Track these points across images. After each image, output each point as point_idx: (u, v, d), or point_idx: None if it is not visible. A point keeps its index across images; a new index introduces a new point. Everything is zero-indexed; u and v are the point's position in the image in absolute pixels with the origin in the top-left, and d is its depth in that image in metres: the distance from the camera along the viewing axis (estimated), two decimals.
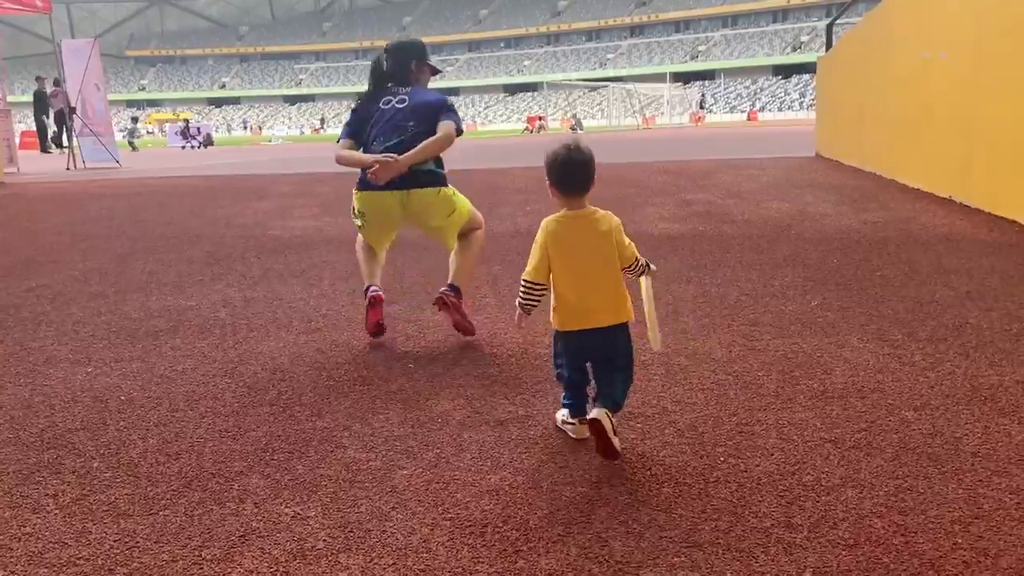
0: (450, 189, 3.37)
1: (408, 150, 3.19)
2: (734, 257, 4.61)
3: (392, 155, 3.18)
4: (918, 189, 7.12)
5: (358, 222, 3.38)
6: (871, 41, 8.77)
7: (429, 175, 3.29)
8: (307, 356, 3.00)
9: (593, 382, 2.21)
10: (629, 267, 2.26)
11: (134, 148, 31.74)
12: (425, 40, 3.83)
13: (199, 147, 34.49)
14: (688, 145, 18.62)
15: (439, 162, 3.38)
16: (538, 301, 2.21)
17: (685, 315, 3.40)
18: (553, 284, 2.18)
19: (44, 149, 22.78)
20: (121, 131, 35.15)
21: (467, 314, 3.25)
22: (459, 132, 3.35)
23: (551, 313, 2.20)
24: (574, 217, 2.17)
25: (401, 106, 3.35)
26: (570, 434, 2.24)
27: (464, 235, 3.42)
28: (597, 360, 2.20)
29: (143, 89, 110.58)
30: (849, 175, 8.76)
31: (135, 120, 36.31)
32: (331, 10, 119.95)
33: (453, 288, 3.26)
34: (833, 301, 3.56)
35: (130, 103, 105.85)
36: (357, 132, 3.41)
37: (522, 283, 2.19)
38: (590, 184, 2.19)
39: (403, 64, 3.50)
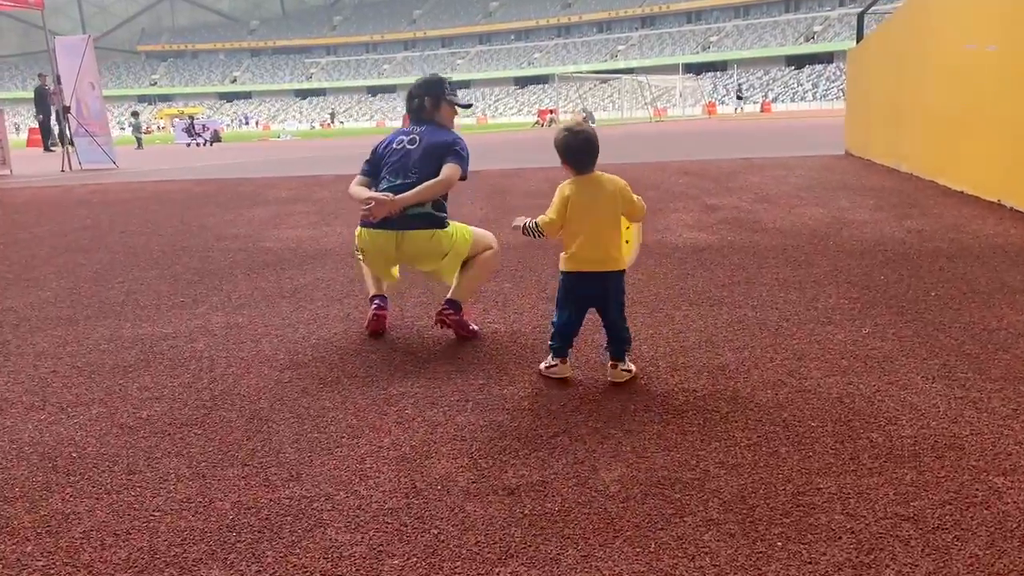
0: (447, 230, 3.44)
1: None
2: (769, 273, 4.29)
3: (388, 194, 3.32)
4: (962, 192, 6.78)
5: (359, 256, 3.57)
6: (908, 32, 8.41)
7: (424, 218, 3.38)
8: (289, 399, 2.71)
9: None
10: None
11: (140, 145, 31.69)
12: (434, 33, 3.87)
13: (205, 144, 34.45)
14: (705, 141, 18.27)
15: (438, 204, 3.45)
16: (537, 237, 2.85)
17: (721, 346, 3.09)
18: (563, 234, 2.74)
19: (47, 148, 22.66)
20: (129, 125, 35.06)
21: (468, 323, 3.42)
22: (463, 177, 3.45)
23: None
24: (585, 181, 2.75)
25: (411, 147, 3.47)
26: (554, 375, 2.81)
27: (470, 258, 3.49)
28: (595, 301, 2.80)
29: (154, 84, 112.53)
30: (884, 176, 8.41)
31: (136, 115, 36.06)
32: (341, 4, 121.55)
33: (451, 303, 3.38)
34: (886, 328, 3.24)
35: (141, 98, 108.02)
36: (372, 170, 3.56)
37: (536, 224, 2.81)
38: (596, 158, 2.75)
39: (418, 104, 3.59)
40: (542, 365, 2.87)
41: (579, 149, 2.75)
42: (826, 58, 79.59)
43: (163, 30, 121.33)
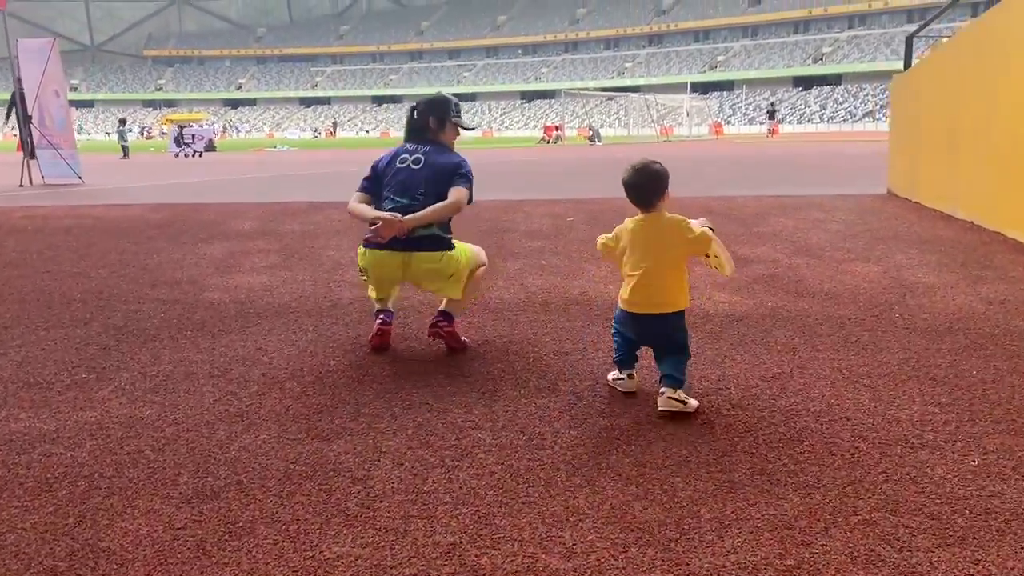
0: (454, 252, 3.65)
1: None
2: (827, 359, 3.63)
3: (396, 215, 3.48)
4: None
5: (362, 277, 3.77)
6: (971, 58, 7.83)
7: (433, 240, 3.58)
8: (175, 563, 2.03)
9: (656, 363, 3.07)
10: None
11: (126, 154, 31.63)
12: (441, 45, 3.78)
13: (194, 155, 34.28)
14: (721, 169, 17.65)
15: (444, 226, 3.64)
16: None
17: (782, 483, 2.41)
18: (621, 273, 3.04)
19: (29, 154, 22.10)
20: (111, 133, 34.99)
21: (459, 336, 3.75)
22: (470, 201, 3.64)
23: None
24: (647, 222, 2.99)
25: (416, 167, 3.63)
26: (619, 389, 3.14)
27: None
28: (650, 342, 3.05)
29: (160, 89, 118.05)
30: (939, 224, 7.78)
31: (123, 122, 35.81)
32: (349, 13, 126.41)
33: (445, 315, 3.70)
34: (1001, 457, 2.58)
35: (146, 103, 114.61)
36: (372, 187, 3.75)
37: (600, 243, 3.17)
38: (654, 200, 3.00)
39: (423, 123, 3.77)
40: (610, 376, 3.24)
41: (633, 184, 3.01)
42: (834, 80, 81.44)
43: (170, 35, 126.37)
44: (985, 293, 4.89)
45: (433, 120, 3.75)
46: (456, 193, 3.55)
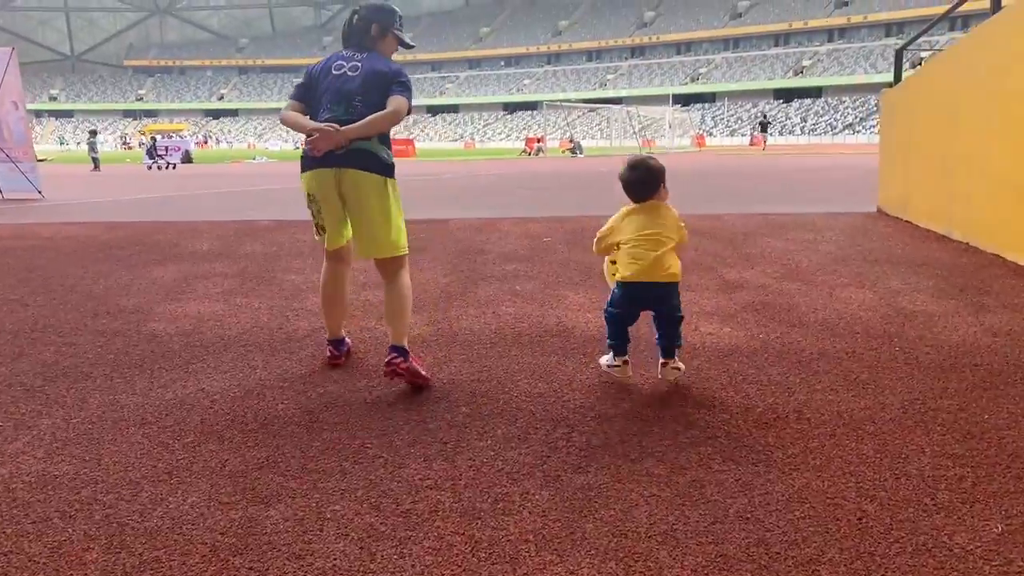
0: (394, 185, 3.56)
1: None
2: (825, 401, 3.38)
3: (334, 125, 3.35)
4: None
5: (312, 208, 3.61)
6: (966, 72, 7.66)
7: (372, 159, 3.46)
8: None
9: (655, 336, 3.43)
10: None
11: (96, 166, 31.33)
12: (425, 57, 3.62)
13: (167, 167, 33.95)
14: (705, 185, 17.48)
15: (386, 141, 3.53)
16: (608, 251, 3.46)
17: (779, 552, 2.15)
18: (619, 248, 3.33)
19: None
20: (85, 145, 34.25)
21: (419, 370, 3.48)
22: (409, 111, 3.52)
23: (611, 276, 3.46)
24: (645, 205, 3.35)
25: (353, 74, 3.51)
26: (615, 375, 3.44)
27: (390, 275, 3.60)
28: (651, 308, 3.37)
29: (140, 99, 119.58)
30: (934, 245, 7.59)
31: (93, 133, 35.28)
32: (332, 24, 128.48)
33: (397, 350, 3.45)
34: None
35: (127, 113, 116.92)
36: (305, 95, 3.63)
37: (596, 236, 3.47)
38: (650, 194, 3.35)
39: (364, 27, 3.63)
40: (603, 360, 3.46)
41: (630, 180, 3.34)
42: (815, 93, 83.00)
43: (151, 45, 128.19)
44: (989, 323, 4.67)
45: (376, 27, 3.64)
46: (395, 102, 3.44)
